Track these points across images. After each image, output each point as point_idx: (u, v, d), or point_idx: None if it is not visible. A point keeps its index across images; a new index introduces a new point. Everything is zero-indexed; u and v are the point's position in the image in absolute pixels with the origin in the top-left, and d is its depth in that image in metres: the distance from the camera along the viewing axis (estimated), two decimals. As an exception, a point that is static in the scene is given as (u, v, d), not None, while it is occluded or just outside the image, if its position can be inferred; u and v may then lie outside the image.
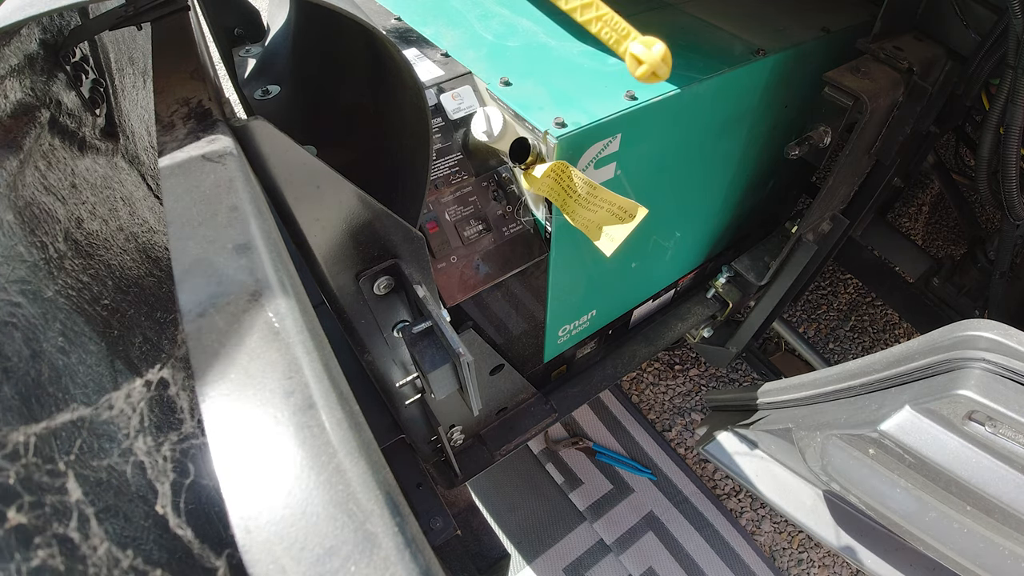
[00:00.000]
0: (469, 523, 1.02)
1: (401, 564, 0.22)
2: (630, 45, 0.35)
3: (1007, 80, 0.82)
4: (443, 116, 0.72)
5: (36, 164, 0.46)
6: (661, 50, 0.34)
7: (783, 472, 1.02)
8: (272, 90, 0.73)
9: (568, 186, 0.65)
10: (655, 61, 0.34)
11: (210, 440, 0.24)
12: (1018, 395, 0.61)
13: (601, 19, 0.36)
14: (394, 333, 0.66)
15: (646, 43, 0.35)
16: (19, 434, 0.30)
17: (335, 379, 0.29)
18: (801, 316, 1.94)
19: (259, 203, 0.36)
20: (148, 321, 0.50)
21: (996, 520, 0.65)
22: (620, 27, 0.35)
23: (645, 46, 0.35)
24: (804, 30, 0.92)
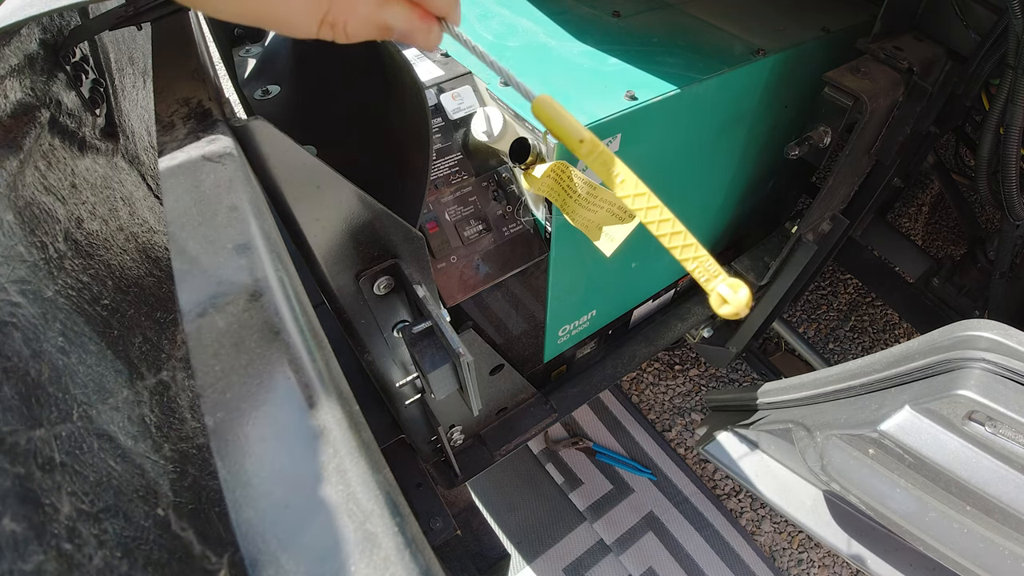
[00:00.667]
0: (469, 523, 1.02)
1: (401, 564, 0.22)
2: (718, 286, 0.39)
3: (1007, 80, 0.82)
4: (443, 116, 0.72)
5: (36, 164, 0.46)
6: (746, 295, 0.38)
7: (783, 472, 1.02)
8: (272, 90, 0.73)
9: (568, 186, 0.65)
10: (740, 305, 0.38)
11: (210, 440, 0.24)
12: (1018, 395, 0.61)
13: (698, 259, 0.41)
14: (394, 333, 0.66)
15: (733, 286, 0.39)
16: (19, 434, 0.30)
17: (335, 379, 0.29)
18: (801, 316, 1.94)
19: (259, 203, 0.36)
20: (148, 321, 0.50)
21: (996, 520, 0.65)
22: (712, 268, 0.40)
23: (732, 288, 0.39)
24: (804, 30, 0.92)
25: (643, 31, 0.87)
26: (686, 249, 0.41)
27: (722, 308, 0.39)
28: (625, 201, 0.42)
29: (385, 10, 0.33)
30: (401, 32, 0.35)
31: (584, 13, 0.90)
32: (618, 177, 0.42)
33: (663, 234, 0.42)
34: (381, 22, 0.33)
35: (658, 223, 0.42)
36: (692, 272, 0.41)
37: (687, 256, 0.41)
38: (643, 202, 0.42)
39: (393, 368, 0.71)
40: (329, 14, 0.31)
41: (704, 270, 0.40)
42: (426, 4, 0.35)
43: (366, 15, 0.33)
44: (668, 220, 0.42)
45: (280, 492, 0.24)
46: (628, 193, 0.42)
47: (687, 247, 0.41)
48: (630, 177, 0.42)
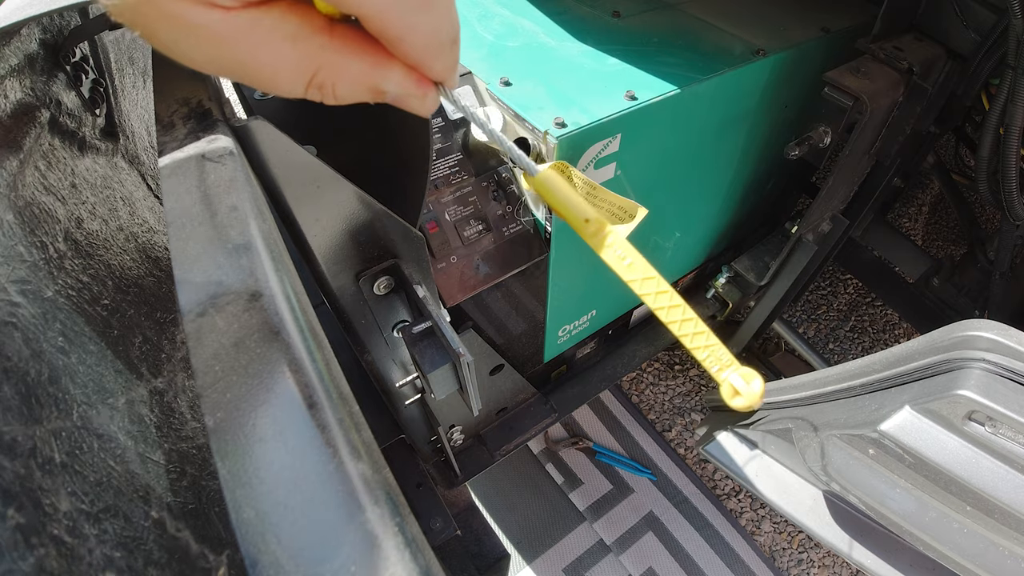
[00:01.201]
0: (469, 523, 1.02)
1: (401, 564, 0.22)
2: (730, 376, 0.37)
3: (1007, 80, 0.82)
4: (443, 116, 0.72)
5: (36, 164, 0.46)
6: (759, 388, 0.36)
7: (783, 472, 1.02)
8: (272, 90, 0.72)
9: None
10: (753, 399, 0.36)
11: (210, 440, 0.24)
12: (1018, 395, 0.61)
13: (709, 348, 0.39)
14: (394, 333, 0.66)
15: (746, 376, 0.37)
16: (19, 434, 0.30)
17: (335, 379, 0.29)
18: (801, 316, 1.94)
19: (259, 203, 0.36)
20: (148, 321, 0.50)
21: (996, 520, 0.65)
22: (725, 357, 0.38)
23: (745, 379, 0.37)
24: (804, 30, 0.92)
25: (643, 31, 0.87)
26: (697, 337, 0.39)
27: (734, 400, 0.37)
28: (632, 286, 0.41)
29: (378, 73, 0.30)
30: (395, 97, 0.31)
31: (584, 13, 0.90)
32: (625, 260, 0.40)
33: (672, 321, 0.40)
34: (374, 85, 0.30)
35: (668, 309, 0.40)
36: (703, 362, 0.39)
37: (698, 344, 0.39)
38: (652, 287, 0.41)
39: (393, 368, 0.71)
40: (317, 76, 0.28)
41: (716, 359, 0.38)
42: (424, 69, 0.31)
43: (357, 78, 0.29)
44: (678, 307, 0.40)
45: (280, 492, 0.24)
46: (636, 277, 0.40)
47: (698, 335, 0.39)
48: (639, 260, 0.40)
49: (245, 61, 0.27)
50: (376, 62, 0.29)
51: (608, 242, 0.40)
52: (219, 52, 0.26)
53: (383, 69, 0.30)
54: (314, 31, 0.27)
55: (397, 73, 0.30)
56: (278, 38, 0.26)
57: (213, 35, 0.25)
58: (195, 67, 0.27)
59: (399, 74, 0.30)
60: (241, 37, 0.26)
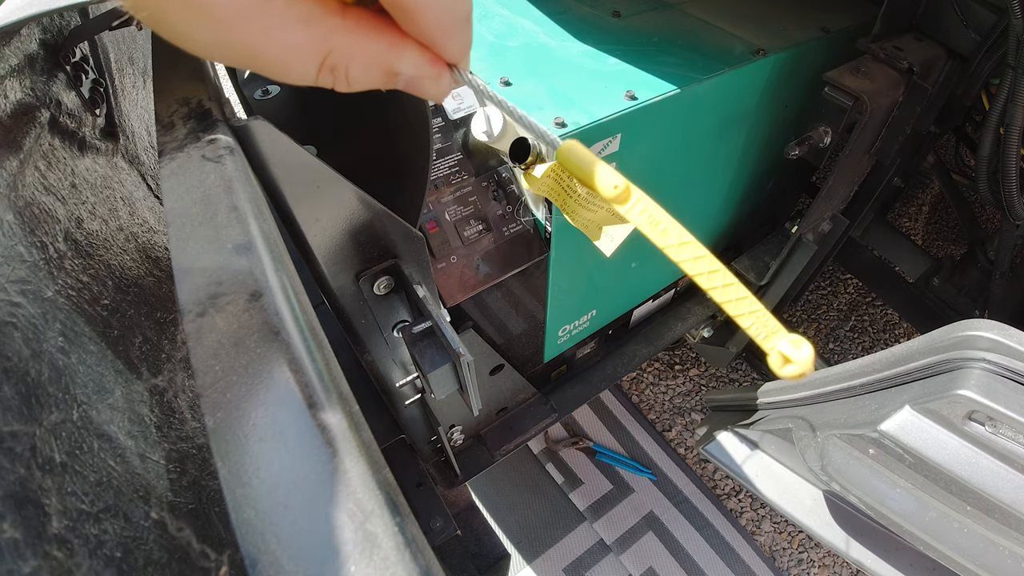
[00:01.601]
0: (469, 523, 1.02)
1: (401, 564, 0.22)
2: (779, 343, 0.35)
3: (1007, 80, 0.82)
4: (443, 116, 0.72)
5: (36, 164, 0.46)
6: (810, 353, 0.35)
7: (783, 472, 1.02)
8: (272, 90, 0.73)
9: (568, 186, 0.65)
10: (805, 365, 0.34)
11: (210, 440, 0.24)
12: (1018, 395, 0.61)
13: (754, 314, 0.37)
14: (394, 333, 0.66)
15: (794, 342, 0.35)
16: (19, 434, 0.30)
17: (335, 379, 0.29)
18: (801, 316, 1.94)
19: (259, 203, 0.36)
20: (148, 321, 0.50)
21: (996, 520, 0.65)
22: (771, 323, 0.36)
23: (793, 345, 0.35)
24: (804, 30, 0.92)
25: (643, 31, 0.87)
26: (740, 303, 0.37)
27: (784, 368, 0.35)
28: (668, 252, 0.39)
29: (393, 52, 0.29)
30: (409, 78, 0.31)
31: (584, 13, 0.90)
32: (659, 226, 0.38)
33: (714, 287, 0.38)
34: (388, 66, 0.29)
35: (707, 275, 0.38)
36: (748, 329, 0.37)
37: (742, 311, 0.37)
38: (689, 252, 0.39)
39: (393, 368, 0.71)
40: (331, 56, 0.27)
41: (762, 326, 0.36)
42: (438, 48, 0.30)
43: (371, 58, 0.29)
44: (718, 271, 0.39)
45: (280, 492, 0.24)
46: (672, 242, 0.39)
47: (741, 300, 0.37)
48: (672, 225, 0.39)
49: (255, 44, 0.26)
50: (391, 42, 0.29)
51: (639, 208, 0.39)
52: (229, 35, 0.25)
53: (398, 49, 0.29)
54: (327, 12, 0.27)
55: (412, 52, 0.30)
56: (291, 19, 0.26)
57: (223, 17, 0.24)
58: (203, 53, 0.26)
59: (414, 53, 0.30)
60: (252, 18, 0.25)
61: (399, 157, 0.65)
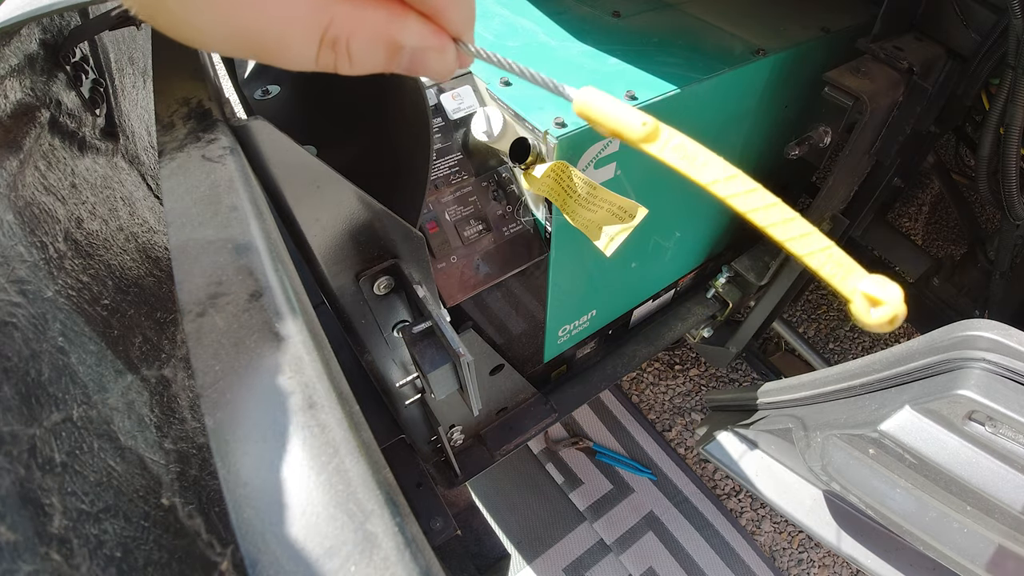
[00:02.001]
0: (469, 523, 1.02)
1: (401, 564, 0.22)
2: (860, 283, 0.30)
3: (1007, 80, 0.82)
4: (443, 116, 0.72)
5: (36, 164, 0.46)
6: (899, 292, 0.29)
7: (783, 472, 1.02)
8: (272, 90, 0.73)
9: (568, 186, 0.65)
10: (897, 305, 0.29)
11: (210, 440, 0.24)
12: (1018, 395, 0.61)
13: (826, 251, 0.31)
14: (394, 333, 0.66)
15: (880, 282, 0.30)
16: (19, 434, 0.30)
17: (335, 379, 0.29)
18: (801, 316, 1.94)
19: (259, 203, 0.36)
20: (148, 321, 0.50)
21: (996, 520, 0.65)
22: (846, 262, 0.31)
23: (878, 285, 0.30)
24: (804, 30, 0.92)
25: (643, 31, 0.87)
26: (806, 240, 0.32)
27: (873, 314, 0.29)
28: (715, 188, 0.34)
29: (397, 24, 0.28)
30: (413, 51, 0.30)
31: (584, 13, 0.90)
32: (698, 160, 0.34)
33: (772, 223, 0.33)
34: (391, 38, 0.29)
35: (763, 210, 0.34)
36: (819, 271, 0.32)
37: (810, 248, 0.32)
38: (737, 186, 0.34)
39: (393, 368, 0.71)
40: (331, 28, 0.27)
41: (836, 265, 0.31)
42: (440, 18, 0.30)
43: (374, 29, 0.28)
44: (774, 205, 0.34)
45: (280, 492, 0.24)
46: (717, 178, 0.34)
47: (806, 237, 0.32)
48: (714, 159, 0.34)
49: (254, 22, 0.25)
50: (392, 12, 0.28)
51: (673, 144, 0.34)
52: (228, 15, 0.25)
53: (400, 19, 0.28)
54: None
55: (414, 22, 0.29)
56: None
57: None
58: (203, 41, 0.26)
59: (416, 23, 0.29)
60: None
61: (399, 157, 0.65)
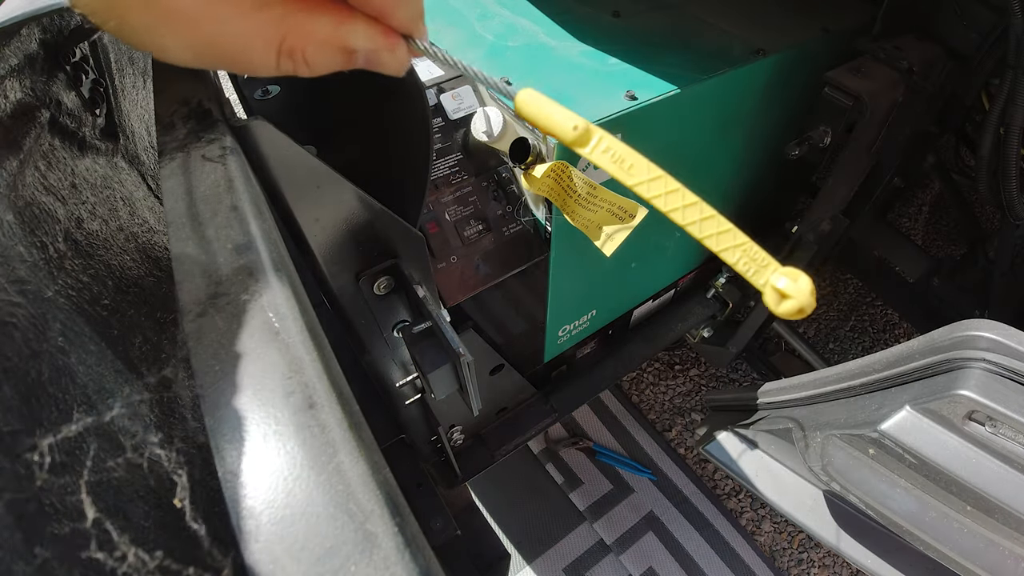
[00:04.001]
0: (469, 523, 1.02)
1: (401, 564, 0.22)
2: (771, 277, 0.32)
3: (1007, 80, 0.82)
4: (443, 116, 0.72)
5: (36, 164, 0.46)
6: (808, 285, 0.31)
7: (783, 472, 1.02)
8: (272, 90, 0.73)
9: (568, 186, 0.65)
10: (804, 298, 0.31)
11: (211, 441, 0.25)
12: (1018, 395, 0.61)
13: (740, 247, 0.33)
14: (394, 333, 0.66)
15: (789, 275, 0.31)
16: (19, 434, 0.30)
17: (335, 379, 0.29)
18: (801, 316, 1.94)
19: (259, 203, 0.36)
20: (148, 321, 0.50)
21: (996, 520, 0.65)
22: (760, 257, 0.33)
23: (789, 278, 0.31)
24: (804, 30, 0.92)
25: (643, 31, 0.87)
26: (723, 237, 0.34)
27: (782, 305, 0.31)
28: (639, 190, 0.35)
29: (345, 29, 0.30)
30: (366, 53, 0.31)
31: (584, 13, 0.90)
32: (626, 163, 0.36)
33: (691, 222, 0.35)
34: (342, 43, 0.30)
35: (683, 210, 0.35)
36: (735, 265, 0.33)
37: (725, 245, 0.33)
38: (660, 187, 0.35)
39: (393, 368, 0.71)
40: (286, 41, 0.29)
41: (749, 260, 0.33)
42: (386, 18, 0.31)
43: (325, 38, 0.30)
44: (694, 204, 0.35)
45: (280, 492, 0.24)
46: (642, 180, 0.35)
47: (723, 234, 0.34)
48: (640, 162, 0.36)
49: (216, 38, 0.27)
50: (339, 19, 0.30)
51: (603, 147, 0.36)
52: (191, 33, 0.27)
53: (348, 24, 0.30)
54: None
55: (362, 26, 0.30)
56: (246, 6, 0.27)
57: (184, 13, 0.26)
58: (170, 56, 0.28)
59: (364, 27, 0.31)
60: (211, 12, 0.27)
61: (399, 157, 0.65)
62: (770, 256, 0.32)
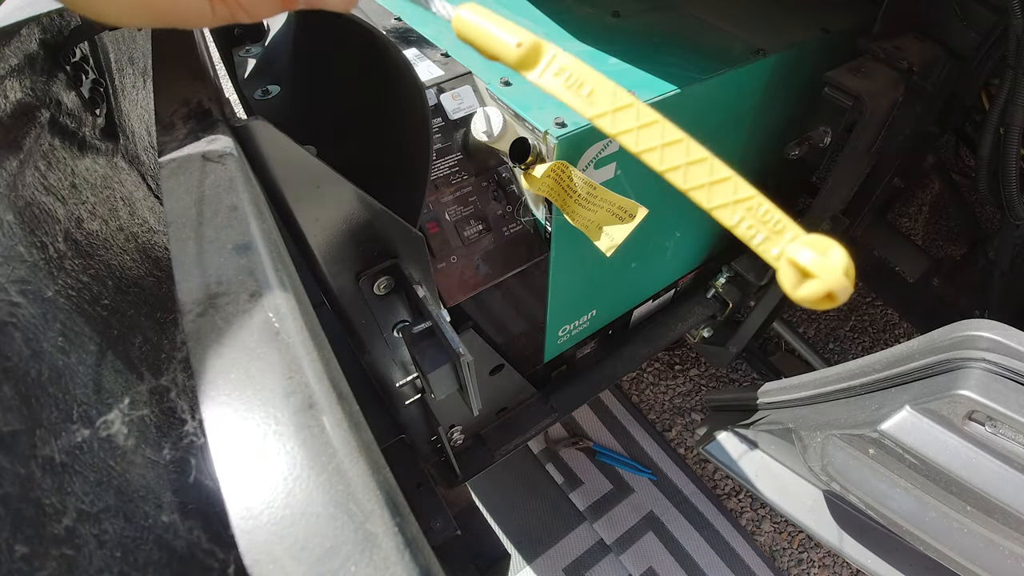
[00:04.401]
0: (469, 523, 1.02)
1: (401, 564, 0.22)
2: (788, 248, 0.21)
3: (1007, 80, 0.82)
4: (443, 116, 0.72)
5: (36, 164, 0.46)
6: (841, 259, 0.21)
7: (783, 472, 1.02)
8: (272, 90, 0.73)
9: (568, 186, 0.65)
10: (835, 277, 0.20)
11: (210, 441, 0.24)
12: (1018, 395, 0.61)
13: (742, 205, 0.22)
14: (394, 333, 0.66)
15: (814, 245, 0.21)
16: (19, 434, 0.30)
17: (335, 379, 0.29)
18: (801, 316, 1.94)
19: (259, 203, 0.36)
20: (148, 321, 0.50)
21: (996, 520, 0.65)
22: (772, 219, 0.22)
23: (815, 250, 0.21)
24: (804, 30, 0.92)
25: (643, 31, 0.87)
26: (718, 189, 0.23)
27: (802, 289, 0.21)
28: (601, 124, 0.26)
29: None
30: None
31: (584, 13, 0.90)
32: (584, 88, 0.26)
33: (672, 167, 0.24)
34: None
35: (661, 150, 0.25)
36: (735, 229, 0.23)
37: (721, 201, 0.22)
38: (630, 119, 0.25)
39: (393, 368, 0.71)
40: None
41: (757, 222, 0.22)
42: None
43: None
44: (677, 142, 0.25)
45: (280, 492, 0.24)
46: (604, 110, 0.26)
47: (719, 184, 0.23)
48: (604, 86, 0.26)
49: None
50: None
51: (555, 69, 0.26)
52: None
53: None
54: None
55: None
56: None
57: None
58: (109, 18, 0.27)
59: None
60: None
61: (399, 157, 0.65)
62: (788, 218, 0.22)
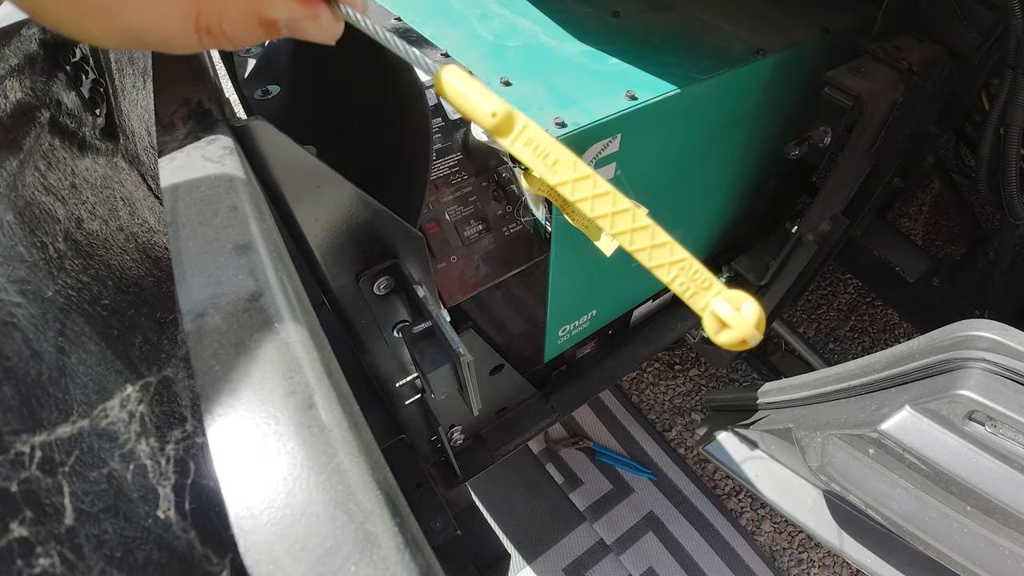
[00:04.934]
0: (469, 523, 1.02)
1: (401, 564, 0.22)
2: (712, 302, 0.28)
3: (1007, 80, 0.82)
4: (443, 116, 0.72)
5: (36, 164, 0.46)
6: (754, 311, 0.26)
7: (783, 472, 1.02)
8: (272, 90, 0.73)
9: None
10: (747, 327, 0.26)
11: (210, 441, 0.25)
12: (1018, 395, 0.61)
13: (677, 265, 0.29)
14: (394, 333, 0.66)
15: (732, 300, 0.27)
16: (19, 434, 0.30)
17: (335, 379, 0.29)
18: (801, 316, 1.94)
19: (259, 203, 0.36)
20: (148, 321, 0.50)
21: (996, 520, 0.65)
22: (700, 276, 0.28)
23: (731, 304, 0.27)
24: (804, 30, 0.92)
25: (643, 31, 0.87)
26: (657, 252, 0.30)
27: (721, 335, 0.27)
28: (563, 191, 0.31)
29: (261, 1, 0.29)
30: (287, 22, 0.30)
31: (584, 13, 0.90)
32: (550, 158, 0.31)
33: (621, 231, 0.31)
34: (259, 14, 0.29)
35: (611, 217, 0.31)
36: (671, 284, 0.29)
37: (660, 261, 0.29)
38: (587, 188, 0.30)
39: (393, 368, 0.71)
40: (202, 15, 0.28)
41: (688, 280, 0.29)
42: None
43: (240, 10, 0.29)
44: (624, 212, 0.30)
45: (280, 492, 0.24)
46: (566, 179, 0.30)
47: (658, 248, 0.30)
48: (567, 158, 0.31)
49: (134, 23, 0.28)
50: None
51: (524, 138, 0.31)
52: (109, 22, 0.27)
53: None
54: None
55: None
56: None
57: (100, 6, 0.27)
58: (96, 43, 0.29)
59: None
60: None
61: (399, 157, 0.65)
62: (714, 277, 0.29)
